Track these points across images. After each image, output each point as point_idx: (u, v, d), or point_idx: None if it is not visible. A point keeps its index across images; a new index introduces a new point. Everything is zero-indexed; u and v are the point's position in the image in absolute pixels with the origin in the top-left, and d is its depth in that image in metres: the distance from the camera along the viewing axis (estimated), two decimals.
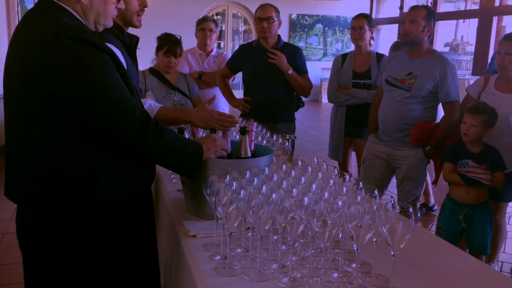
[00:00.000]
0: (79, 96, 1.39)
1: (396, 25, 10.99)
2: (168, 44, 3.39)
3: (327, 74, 4.26)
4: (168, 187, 2.13)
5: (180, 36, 3.53)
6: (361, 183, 1.45)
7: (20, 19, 7.64)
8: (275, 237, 1.51)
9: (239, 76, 3.86)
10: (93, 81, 1.39)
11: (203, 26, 3.95)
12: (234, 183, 1.41)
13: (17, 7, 7.57)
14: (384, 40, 12.58)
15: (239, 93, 3.72)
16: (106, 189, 1.48)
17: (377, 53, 3.67)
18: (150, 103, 2.05)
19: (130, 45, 2.33)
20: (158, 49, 3.45)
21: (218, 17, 12.85)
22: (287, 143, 2.27)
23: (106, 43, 2.06)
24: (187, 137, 1.87)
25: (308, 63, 3.66)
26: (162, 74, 3.47)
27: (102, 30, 1.64)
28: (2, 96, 1.55)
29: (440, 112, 3.22)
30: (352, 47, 3.81)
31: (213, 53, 4.03)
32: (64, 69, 1.37)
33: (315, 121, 10.04)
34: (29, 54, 1.40)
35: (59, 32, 1.38)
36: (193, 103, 3.51)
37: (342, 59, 3.75)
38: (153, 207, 1.79)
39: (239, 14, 12.99)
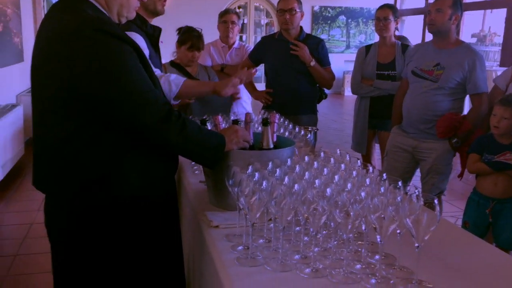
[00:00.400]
0: (102, 87, 1.40)
1: (421, 16, 10.80)
2: (192, 39, 3.38)
3: (350, 67, 4.21)
4: (191, 178, 2.14)
5: (201, 29, 3.53)
6: (384, 174, 1.43)
7: (45, 13, 7.77)
8: (298, 228, 1.51)
9: (261, 70, 3.85)
10: (116, 72, 1.40)
11: (225, 18, 3.94)
12: (256, 173, 1.41)
13: (43, 1, 7.70)
14: (409, 31, 12.37)
15: (261, 86, 3.72)
16: (128, 181, 1.49)
17: (402, 44, 3.61)
18: (175, 76, 2.09)
19: (153, 36, 2.35)
20: (180, 43, 3.44)
21: (241, 10, 12.82)
22: (309, 135, 2.25)
23: (131, 31, 2.10)
24: (209, 128, 1.87)
25: (330, 56, 3.63)
26: (183, 67, 3.48)
27: (125, 22, 1.65)
28: (30, 90, 1.58)
29: (467, 104, 3.15)
30: (375, 39, 3.75)
31: (235, 45, 4.03)
32: (88, 60, 1.38)
33: (338, 114, 9.96)
34: (54, 47, 1.42)
35: (83, 24, 1.39)
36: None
37: (366, 50, 3.71)
38: (177, 198, 1.80)
39: (261, 6, 12.93)
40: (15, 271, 3.13)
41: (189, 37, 3.38)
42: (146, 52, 2.18)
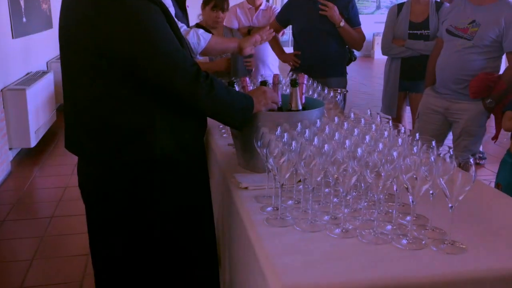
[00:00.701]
0: (130, 47, 1.39)
1: None
2: None
3: (380, 28, 4.08)
4: (219, 141, 2.15)
5: None
6: (417, 134, 1.39)
7: None
8: (327, 189, 1.50)
9: (288, 33, 3.77)
10: (143, 31, 1.39)
11: None
12: (285, 134, 1.39)
13: None
14: None
15: (289, 50, 3.65)
16: (159, 142, 1.50)
17: (436, 1, 3.46)
18: (203, 31, 2.13)
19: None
20: (205, 3, 3.40)
21: None
22: (338, 97, 2.21)
23: None
24: (237, 89, 1.85)
25: (360, 17, 3.51)
26: (208, 29, 3.44)
27: None
28: (59, 56, 1.59)
29: (504, 64, 3.02)
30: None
31: (262, 7, 3.95)
32: (115, 20, 1.38)
33: (367, 77, 9.76)
34: (80, 8, 1.42)
35: None
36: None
37: (398, 9, 3.57)
38: (206, 159, 1.81)
39: None
40: (52, 232, 3.26)
41: None
42: (172, 9, 2.18)
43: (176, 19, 2.11)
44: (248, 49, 2.25)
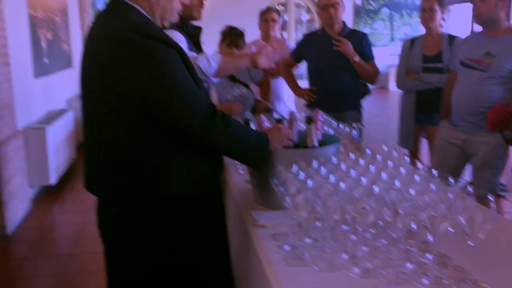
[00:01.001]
0: (148, 89, 1.43)
1: (468, 4, 10.40)
2: (231, 36, 3.43)
3: (395, 60, 4.11)
4: (235, 177, 2.15)
5: (244, 29, 3.55)
6: (434, 171, 1.38)
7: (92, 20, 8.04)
8: (345, 227, 1.48)
9: (302, 67, 3.82)
10: (161, 75, 1.43)
11: (267, 17, 3.95)
12: (301, 172, 1.40)
13: (90, 9, 7.97)
14: (456, 20, 11.94)
15: (303, 83, 3.69)
16: (177, 180, 1.52)
17: (449, 35, 3.48)
18: (212, 53, 2.17)
19: (194, 36, 2.39)
20: (221, 41, 3.49)
21: (281, 7, 12.80)
22: (354, 132, 2.22)
23: (173, 30, 2.16)
24: (253, 127, 1.88)
25: (374, 49, 3.55)
26: None
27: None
28: (79, 95, 1.64)
29: None
30: (421, 31, 3.64)
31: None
32: (134, 64, 1.42)
33: (382, 108, 9.76)
34: (102, 52, 1.47)
35: (129, 29, 1.43)
36: (258, 83, 3.52)
37: (411, 42, 3.60)
38: (223, 197, 1.81)
39: (302, 3, 12.85)
40: (70, 270, 3.26)
41: (229, 35, 3.43)
42: (183, 44, 2.22)
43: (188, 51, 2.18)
44: (264, 62, 2.21)
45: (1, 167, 3.61)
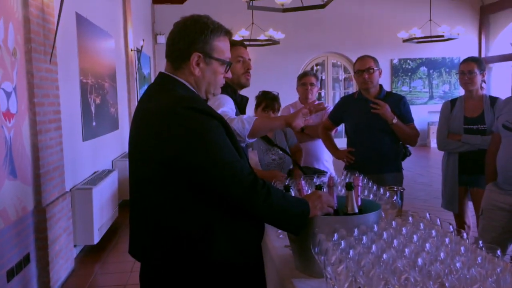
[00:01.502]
0: (192, 159, 1.50)
1: (509, 62, 10.31)
2: (266, 100, 3.53)
3: (434, 118, 4.10)
4: (275, 242, 2.15)
5: (278, 93, 3.65)
6: (480, 242, 1.35)
7: (138, 84, 8.47)
8: None
9: (341, 125, 3.85)
10: (205, 145, 1.51)
11: (304, 81, 4.05)
12: (342, 242, 1.39)
13: (136, 74, 8.41)
14: (497, 79, 11.82)
15: (340, 141, 3.69)
16: (219, 247, 1.55)
17: (491, 97, 3.45)
18: (248, 115, 2.24)
19: (241, 104, 2.51)
20: (257, 106, 3.60)
21: (318, 67, 13.09)
22: (395, 196, 2.19)
23: (223, 95, 2.30)
24: (292, 193, 1.89)
25: (413, 107, 3.55)
26: None
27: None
28: (125, 156, 1.75)
29: None
30: (460, 89, 3.63)
31: None
32: (179, 135, 1.50)
33: (424, 167, 9.56)
34: (150, 124, 1.57)
35: (175, 102, 1.53)
36: (291, 151, 3.56)
37: (451, 104, 3.59)
38: (263, 264, 1.81)
39: (339, 63, 13.12)
40: None
41: (264, 99, 3.54)
42: (234, 112, 2.33)
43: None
44: (299, 123, 2.24)
45: (49, 227, 3.74)
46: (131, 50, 8.04)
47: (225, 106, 2.30)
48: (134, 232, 1.68)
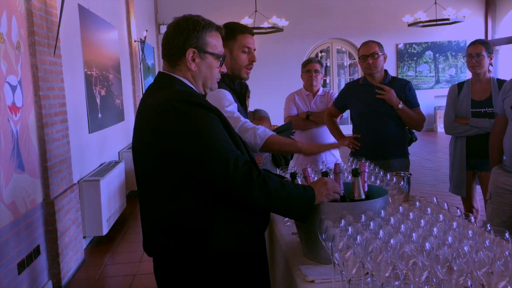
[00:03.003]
0: (187, 151, 1.53)
1: None
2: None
3: (441, 102, 4.08)
4: (283, 230, 2.15)
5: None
6: (488, 225, 1.34)
7: (142, 75, 8.47)
8: (397, 282, 1.44)
9: (346, 112, 3.83)
10: (199, 136, 1.53)
11: (309, 67, 4.02)
12: (349, 228, 1.39)
13: (140, 64, 8.40)
14: (504, 62, 11.69)
15: (346, 128, 3.68)
16: (219, 238, 1.58)
17: (498, 79, 3.41)
18: (263, 129, 2.17)
19: (240, 93, 2.49)
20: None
21: (323, 53, 13.00)
22: (402, 182, 2.18)
23: (222, 89, 2.27)
24: (299, 181, 1.89)
25: (419, 92, 3.53)
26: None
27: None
28: (130, 147, 1.80)
29: None
30: (467, 72, 3.60)
31: (320, 92, 4.07)
32: (174, 127, 1.53)
33: (431, 152, 9.52)
34: (149, 119, 1.61)
35: (171, 97, 1.57)
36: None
37: (458, 88, 3.55)
38: (266, 253, 1.83)
39: (343, 49, 13.03)
40: None
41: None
42: (235, 105, 2.30)
43: (240, 115, 2.24)
44: (310, 154, 2.21)
45: (58, 219, 3.77)
46: (135, 41, 8.03)
47: (231, 106, 2.24)
48: (145, 228, 1.72)
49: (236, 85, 2.50)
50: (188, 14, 1.73)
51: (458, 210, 1.59)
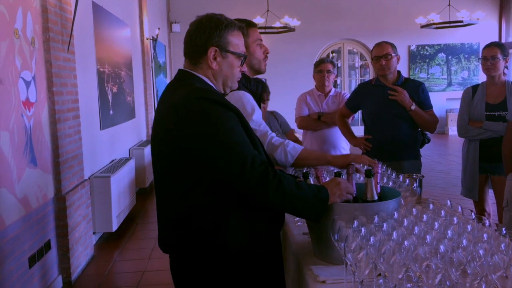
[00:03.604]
0: (205, 147, 1.52)
1: None
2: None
3: (453, 105, 4.04)
4: (294, 229, 2.15)
5: (265, 79, 3.58)
6: (503, 229, 1.33)
7: (154, 73, 8.50)
8: (409, 285, 1.43)
9: (358, 112, 3.82)
10: (216, 134, 1.53)
11: (321, 68, 4.01)
12: (362, 229, 1.38)
13: (151, 62, 8.43)
14: None
15: (357, 129, 3.66)
16: (234, 236, 1.58)
17: None
18: (292, 145, 2.13)
19: (256, 93, 2.49)
20: None
21: (334, 54, 12.96)
22: (415, 184, 2.17)
23: (244, 91, 2.25)
24: (311, 181, 1.89)
25: (431, 94, 3.49)
26: None
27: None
28: (140, 144, 1.80)
29: None
30: (480, 75, 3.57)
31: (332, 93, 4.06)
32: (192, 124, 1.53)
33: (442, 155, 9.45)
34: (167, 116, 1.61)
35: (190, 94, 1.57)
36: (287, 137, 3.54)
37: (472, 90, 3.52)
38: (282, 252, 1.82)
39: (355, 50, 12.97)
40: None
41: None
42: (259, 112, 2.26)
43: (266, 126, 2.20)
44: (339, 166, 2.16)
45: (69, 214, 3.80)
46: (147, 39, 8.06)
47: (255, 114, 2.19)
48: (161, 226, 1.72)
49: (252, 85, 2.50)
50: (210, 13, 1.73)
51: (472, 213, 1.57)
